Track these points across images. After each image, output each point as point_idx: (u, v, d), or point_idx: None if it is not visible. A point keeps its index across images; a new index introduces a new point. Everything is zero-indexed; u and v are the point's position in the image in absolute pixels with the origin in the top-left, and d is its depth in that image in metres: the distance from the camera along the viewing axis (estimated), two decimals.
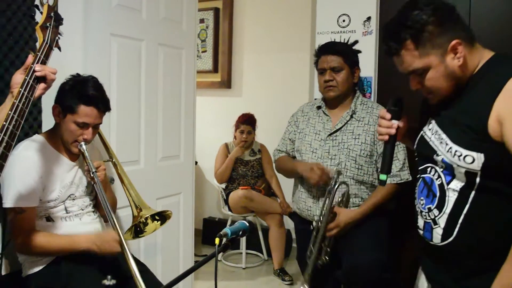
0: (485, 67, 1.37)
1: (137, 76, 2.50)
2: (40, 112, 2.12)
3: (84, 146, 1.87)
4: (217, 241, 1.35)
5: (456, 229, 1.38)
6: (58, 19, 1.62)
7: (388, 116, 1.52)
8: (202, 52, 4.72)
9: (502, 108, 1.27)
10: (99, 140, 2.14)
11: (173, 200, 2.81)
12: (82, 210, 1.98)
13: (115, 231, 1.78)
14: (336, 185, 2.17)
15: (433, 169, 1.45)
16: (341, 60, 2.36)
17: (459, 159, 1.34)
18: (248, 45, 4.57)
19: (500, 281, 1.28)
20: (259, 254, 4.27)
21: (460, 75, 1.38)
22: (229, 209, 4.05)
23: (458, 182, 1.38)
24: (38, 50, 1.53)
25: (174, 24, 2.75)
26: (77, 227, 1.93)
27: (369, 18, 2.85)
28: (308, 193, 2.38)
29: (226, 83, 4.65)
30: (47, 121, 2.08)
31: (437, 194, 1.43)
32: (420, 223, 1.50)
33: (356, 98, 2.42)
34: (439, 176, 1.43)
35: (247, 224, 1.47)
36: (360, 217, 2.27)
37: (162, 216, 2.04)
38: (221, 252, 1.40)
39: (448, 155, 1.37)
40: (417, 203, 1.52)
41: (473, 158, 1.32)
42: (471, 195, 1.36)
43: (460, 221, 1.37)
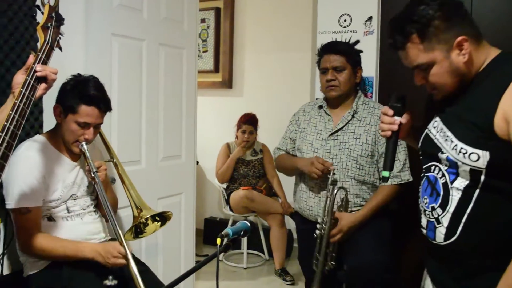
0: (491, 65, 1.37)
1: (138, 76, 2.50)
2: (41, 112, 2.12)
3: (85, 146, 1.87)
4: (219, 241, 1.35)
5: (460, 228, 1.37)
6: (59, 19, 1.62)
7: (391, 113, 1.51)
8: (203, 52, 4.71)
9: (509, 106, 1.26)
10: (100, 140, 2.14)
11: (175, 200, 2.81)
12: (84, 210, 1.98)
13: (119, 241, 1.76)
14: (335, 191, 2.18)
15: (437, 168, 1.44)
16: (344, 60, 2.36)
17: (464, 157, 1.33)
18: (249, 45, 4.57)
19: (506, 281, 1.27)
20: (261, 254, 4.27)
21: (465, 72, 1.37)
22: (230, 209, 4.05)
23: (462, 181, 1.37)
24: (39, 50, 1.53)
25: (175, 24, 2.75)
26: (79, 227, 1.94)
27: (371, 18, 2.85)
28: (310, 193, 2.38)
29: (227, 83, 4.65)
30: (48, 121, 2.08)
31: (441, 193, 1.42)
32: (423, 222, 1.50)
33: (358, 98, 2.41)
34: (443, 175, 1.42)
35: (249, 224, 1.46)
36: (362, 220, 2.26)
37: (163, 217, 2.04)
38: (223, 252, 1.40)
39: (453, 153, 1.36)
40: (421, 202, 1.51)
41: (478, 156, 1.31)
42: (475, 194, 1.35)
43: (464, 220, 1.37)
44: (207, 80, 4.65)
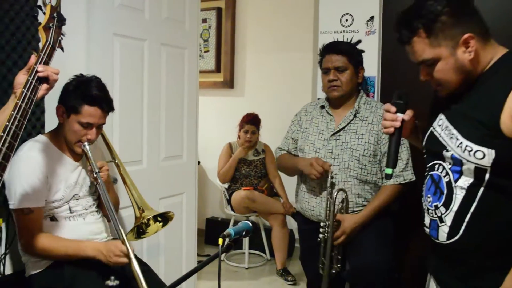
0: (498, 63, 1.36)
1: (140, 76, 2.50)
2: (43, 113, 2.12)
3: (88, 147, 1.87)
4: (221, 242, 1.35)
5: (463, 228, 1.37)
6: (61, 20, 1.62)
7: (393, 109, 1.50)
8: (205, 52, 4.71)
9: None
10: (102, 140, 2.14)
11: (176, 200, 2.81)
12: (86, 210, 1.98)
13: (121, 240, 1.76)
14: (334, 194, 2.18)
15: (441, 166, 1.44)
16: (346, 60, 2.36)
17: (470, 154, 1.33)
18: (251, 45, 4.57)
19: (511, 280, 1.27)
20: (262, 254, 4.27)
21: (470, 70, 1.37)
22: (232, 209, 4.04)
23: (466, 179, 1.36)
24: (41, 51, 1.53)
25: (177, 24, 2.75)
26: (81, 227, 1.94)
27: (372, 18, 2.84)
28: (311, 193, 2.38)
29: (229, 83, 4.65)
30: (50, 121, 2.07)
31: (445, 192, 1.41)
32: (426, 221, 1.49)
33: (360, 98, 2.41)
34: (447, 174, 1.41)
35: (251, 225, 1.46)
36: (364, 220, 2.26)
37: (164, 218, 2.04)
38: (224, 252, 1.40)
39: (458, 150, 1.36)
40: (424, 201, 1.51)
41: (484, 154, 1.30)
42: (479, 193, 1.35)
43: (467, 219, 1.36)
44: (209, 80, 4.65)
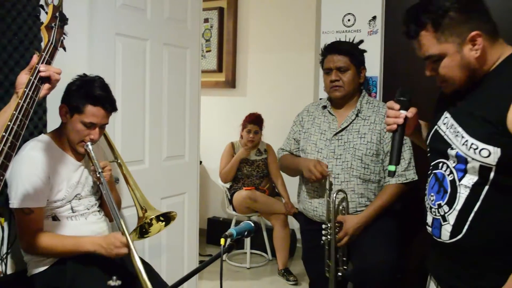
0: (505, 63, 1.36)
1: (142, 76, 2.50)
2: (45, 112, 2.12)
3: (90, 146, 1.87)
4: (222, 242, 1.34)
5: (466, 227, 1.36)
6: (63, 19, 1.61)
7: (397, 107, 1.50)
8: (207, 52, 4.71)
9: None
10: (104, 140, 2.14)
11: (178, 200, 2.81)
12: (88, 210, 1.98)
13: (121, 232, 1.77)
14: (334, 196, 2.18)
15: (445, 165, 1.43)
16: (348, 60, 2.36)
17: (475, 153, 1.32)
18: (253, 45, 4.56)
19: None
20: (264, 254, 4.27)
21: (476, 67, 1.36)
22: (234, 209, 4.04)
23: (471, 178, 1.36)
24: (43, 50, 1.53)
25: (179, 24, 2.74)
26: (83, 227, 1.94)
27: (375, 18, 2.83)
28: (314, 194, 2.38)
29: (231, 83, 4.64)
30: (52, 121, 2.08)
31: (448, 190, 1.41)
32: (429, 220, 1.48)
33: (362, 98, 2.41)
34: (451, 172, 1.41)
35: (252, 225, 1.46)
36: (366, 220, 2.26)
37: (167, 217, 2.04)
38: (226, 253, 1.39)
39: (463, 148, 1.35)
40: (427, 199, 1.50)
41: (489, 152, 1.30)
42: (483, 192, 1.34)
43: (470, 218, 1.36)
44: (211, 80, 4.64)
